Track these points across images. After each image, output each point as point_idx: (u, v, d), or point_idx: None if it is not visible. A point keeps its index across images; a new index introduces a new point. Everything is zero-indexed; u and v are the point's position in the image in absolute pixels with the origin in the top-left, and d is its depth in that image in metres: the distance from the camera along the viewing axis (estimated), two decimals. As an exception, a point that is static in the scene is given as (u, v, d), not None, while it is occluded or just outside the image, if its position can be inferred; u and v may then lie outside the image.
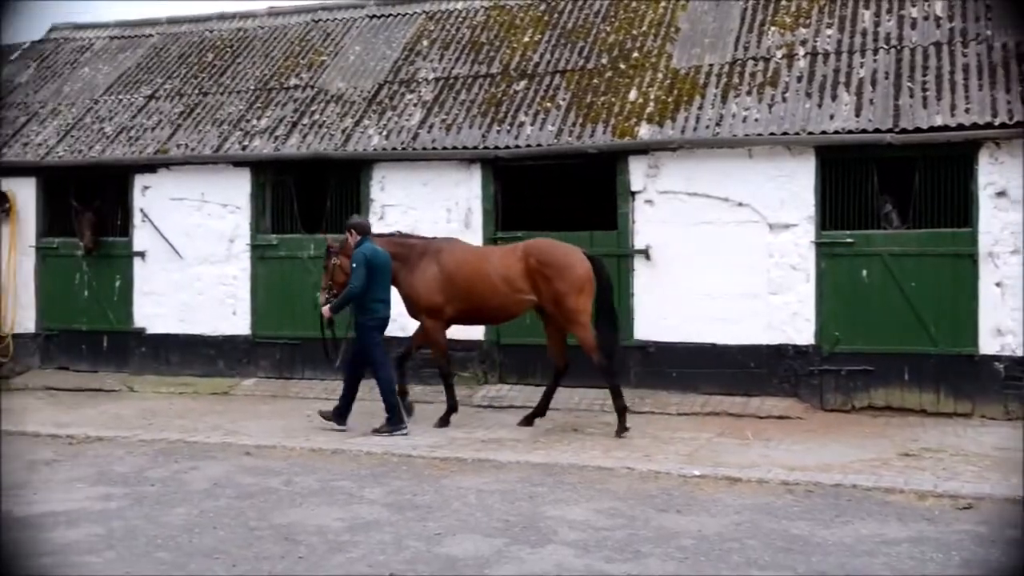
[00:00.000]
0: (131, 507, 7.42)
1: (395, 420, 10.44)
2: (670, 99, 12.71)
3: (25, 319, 15.22)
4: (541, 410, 11.12)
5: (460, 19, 15.54)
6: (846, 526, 6.92)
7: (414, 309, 11.19)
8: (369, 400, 11.13)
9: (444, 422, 10.88)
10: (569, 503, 7.53)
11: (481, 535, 6.69)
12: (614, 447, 9.67)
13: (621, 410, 10.42)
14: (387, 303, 10.78)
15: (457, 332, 11.97)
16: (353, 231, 10.82)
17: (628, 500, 7.61)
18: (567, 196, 14.44)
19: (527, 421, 11.01)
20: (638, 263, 12.42)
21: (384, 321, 10.81)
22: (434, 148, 13.22)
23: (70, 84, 16.82)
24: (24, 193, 15.36)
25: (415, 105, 14.00)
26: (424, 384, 12.43)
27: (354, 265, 10.45)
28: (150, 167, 14.61)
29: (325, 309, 10.86)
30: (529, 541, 6.55)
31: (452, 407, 10.99)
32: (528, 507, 7.42)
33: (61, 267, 15.10)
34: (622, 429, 10.27)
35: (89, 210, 14.74)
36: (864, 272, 11.62)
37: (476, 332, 12.92)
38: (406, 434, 10.28)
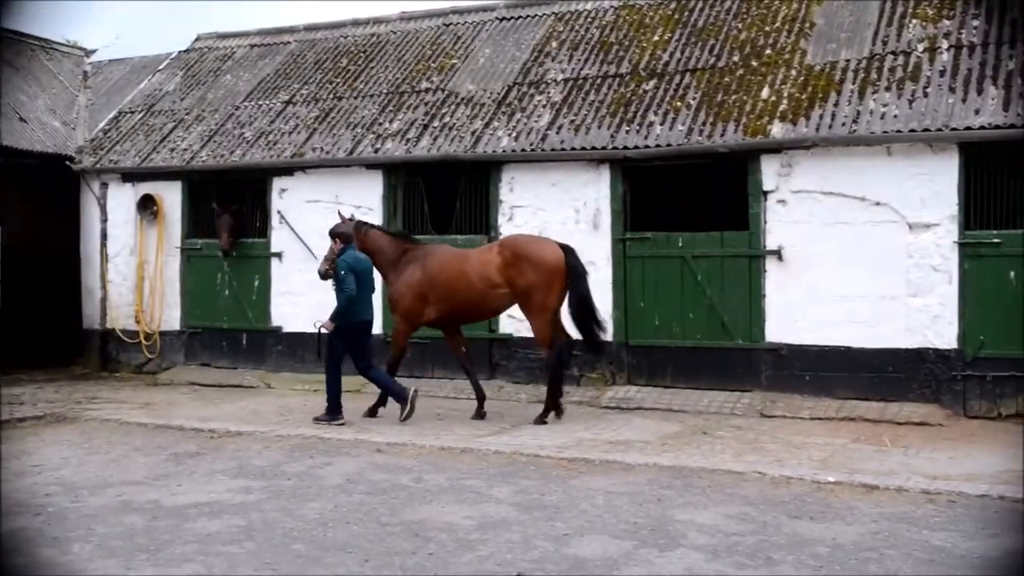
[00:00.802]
0: (268, 500, 7.64)
1: (331, 411, 11.26)
2: (804, 96, 12.42)
3: (171, 317, 15.89)
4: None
5: (589, 19, 15.52)
6: (992, 539, 6.62)
7: (393, 310, 11.97)
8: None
9: (372, 412, 11.61)
10: (699, 507, 7.43)
11: (609, 536, 6.66)
12: (745, 451, 9.50)
13: (549, 405, 11.26)
14: (368, 306, 11.43)
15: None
16: (337, 239, 11.50)
17: (759, 505, 7.46)
18: (697, 196, 14.28)
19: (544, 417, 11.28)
20: (770, 264, 12.18)
21: (366, 323, 11.42)
22: (563, 149, 13.24)
23: (213, 91, 17.47)
24: (170, 196, 16.03)
25: (544, 106, 14.05)
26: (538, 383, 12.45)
27: (341, 272, 11.10)
28: (287, 170, 15.07)
29: (327, 324, 11.24)
30: (658, 544, 6.49)
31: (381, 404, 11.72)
32: (657, 510, 7.34)
33: (204, 267, 15.70)
34: (543, 417, 11.11)
35: (227, 212, 15.30)
36: (1012, 273, 11.11)
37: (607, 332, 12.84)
38: (342, 424, 11.07)
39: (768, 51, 13.36)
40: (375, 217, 14.40)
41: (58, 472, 8.56)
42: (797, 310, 12.02)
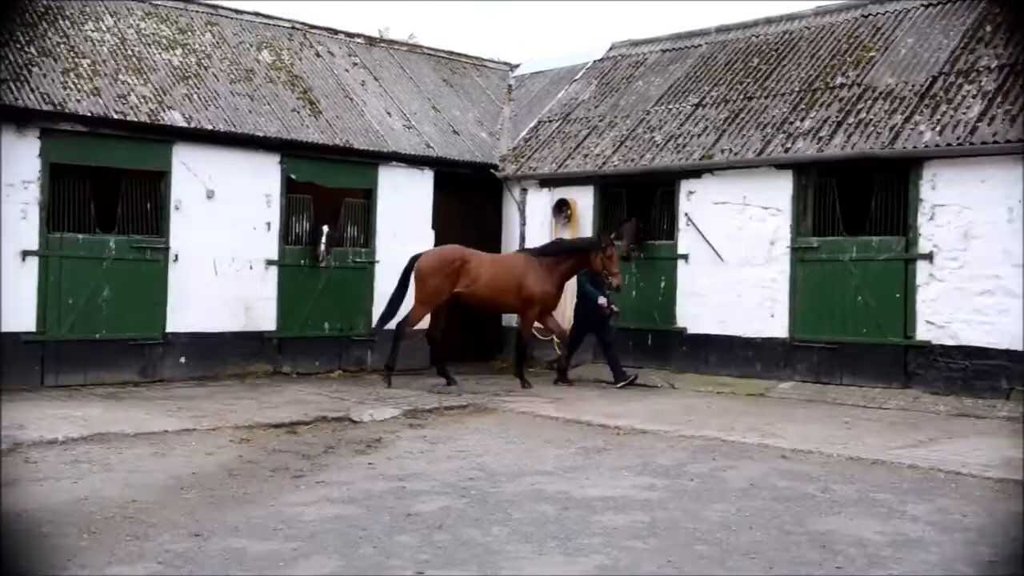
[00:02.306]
0: (672, 499, 7.71)
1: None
2: None
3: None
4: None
5: (1028, -1, 14.11)
6: None
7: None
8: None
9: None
10: None
11: (1043, 569, 6.01)
12: None
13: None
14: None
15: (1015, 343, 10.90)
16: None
17: None
18: None
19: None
20: None
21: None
22: (995, 142, 12.15)
23: (625, 98, 17.99)
24: (583, 200, 16.76)
25: (974, 96, 12.98)
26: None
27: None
28: (695, 172, 15.17)
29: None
30: (1104, 583, 5.75)
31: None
32: (1103, 545, 6.51)
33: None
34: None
35: (633, 218, 15.70)
36: None
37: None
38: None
39: None
40: (784, 218, 14.10)
41: (480, 458, 9.22)
42: None
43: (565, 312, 15.65)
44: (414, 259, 14.61)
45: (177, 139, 14.32)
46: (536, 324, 14.69)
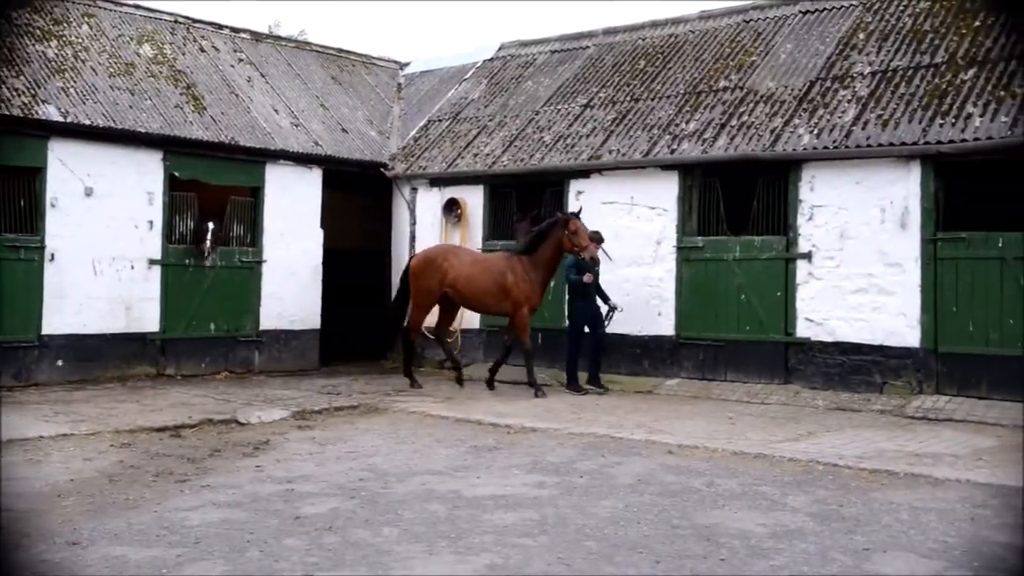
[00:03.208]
0: (561, 496, 7.78)
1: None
2: None
3: (472, 316, 16.57)
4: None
5: (901, 8, 14.69)
6: None
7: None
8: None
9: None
10: (1020, 530, 6.82)
11: (916, 555, 6.26)
12: (1074, 472, 8.63)
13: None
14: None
15: (888, 338, 11.35)
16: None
17: (1093, 534, 6.75)
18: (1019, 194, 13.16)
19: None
20: (1108, 267, 11.02)
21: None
22: (868, 145, 12.62)
23: (515, 98, 18.09)
24: (473, 200, 16.77)
25: (849, 101, 13.45)
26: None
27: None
28: (584, 172, 15.34)
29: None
30: (972, 567, 6.02)
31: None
32: (969, 530, 6.82)
33: (504, 267, 16.26)
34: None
35: (525, 219, 15.79)
36: None
37: (911, 338, 12.16)
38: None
39: (1108, 31, 12.10)
40: (670, 218, 14.36)
41: (370, 459, 9.15)
42: None
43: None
44: (411, 260, 14.82)
45: (53, 134, 13.83)
46: (426, 325, 14.57)
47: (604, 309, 14.08)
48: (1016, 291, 11.65)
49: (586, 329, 14.08)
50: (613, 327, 14.65)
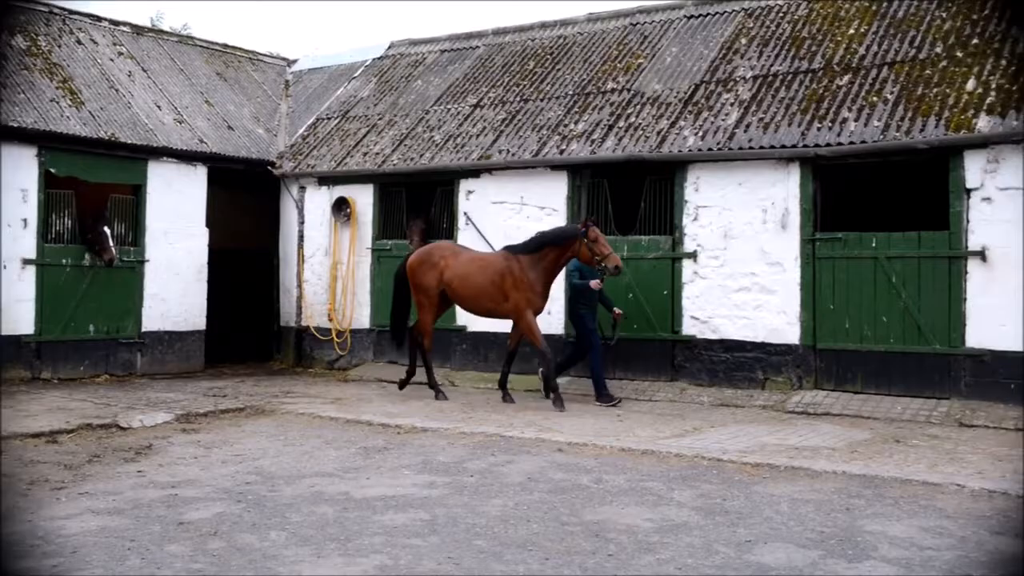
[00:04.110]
0: (452, 495, 7.79)
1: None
2: (1015, 87, 11.69)
3: (361, 316, 16.48)
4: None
5: (780, 14, 15.12)
6: None
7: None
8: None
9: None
10: (890, 518, 7.10)
11: (794, 545, 6.46)
12: (941, 461, 9.02)
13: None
14: None
15: (770, 336, 11.69)
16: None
17: (957, 519, 7.06)
18: (893, 195, 13.69)
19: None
20: (972, 265, 11.54)
21: None
22: (750, 147, 12.95)
23: (405, 96, 18.00)
24: (363, 199, 16.63)
25: (732, 104, 13.78)
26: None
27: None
28: (474, 172, 15.36)
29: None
30: (846, 555, 6.24)
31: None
32: (845, 519, 7.07)
33: (393, 268, 16.10)
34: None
35: (420, 218, 15.75)
36: None
37: (791, 336, 12.53)
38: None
39: (975, 41, 12.67)
40: (559, 218, 14.49)
41: (257, 462, 9.00)
42: (1002, 314, 11.34)
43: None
44: (405, 258, 13.91)
45: (-84, 128, 13.22)
46: (316, 324, 14.25)
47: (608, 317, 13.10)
48: (888, 289, 12.11)
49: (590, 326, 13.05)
50: (502, 325, 14.72)
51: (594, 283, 12.73)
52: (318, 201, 17.17)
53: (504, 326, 14.75)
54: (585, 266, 12.70)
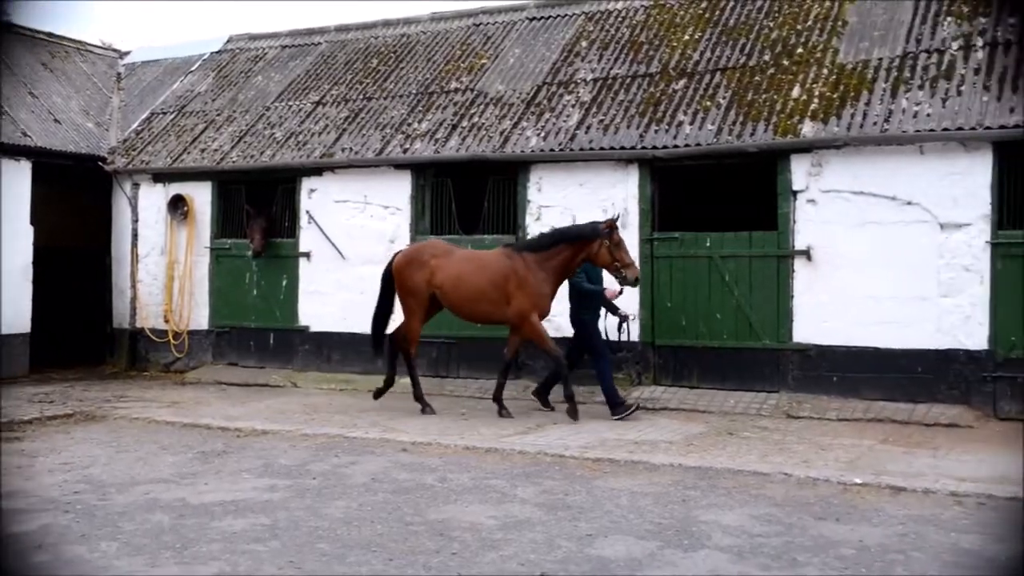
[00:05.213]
0: (294, 499, 7.67)
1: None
2: (836, 95, 12.31)
3: (199, 317, 16.02)
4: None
5: (620, 19, 15.48)
6: (1021, 542, 6.53)
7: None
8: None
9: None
10: (723, 508, 7.38)
11: (633, 537, 6.63)
12: (771, 452, 9.43)
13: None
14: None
15: (610, 333, 11.94)
16: None
17: (785, 507, 7.40)
18: (726, 196, 14.20)
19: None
20: (798, 264, 12.09)
21: None
22: (591, 149, 13.21)
23: (244, 92, 17.59)
24: (200, 197, 16.15)
25: (573, 106, 14.02)
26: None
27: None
28: (316, 170, 15.13)
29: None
30: (682, 545, 6.45)
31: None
32: (681, 511, 7.31)
33: (233, 267, 15.81)
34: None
35: (261, 216, 15.40)
36: (1045, 274, 10.97)
37: (631, 333, 12.82)
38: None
39: (800, 50, 13.27)
40: (403, 217, 14.44)
41: (87, 470, 8.64)
42: (826, 310, 11.93)
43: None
44: (393, 258, 12.65)
45: None
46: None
47: (615, 320, 11.94)
48: (722, 287, 12.56)
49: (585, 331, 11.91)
50: (346, 325, 14.61)
51: (611, 291, 11.72)
52: (153, 199, 16.58)
53: (348, 326, 14.63)
54: (592, 268, 11.67)
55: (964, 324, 11.25)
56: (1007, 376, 11.07)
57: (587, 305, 11.77)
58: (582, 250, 11.38)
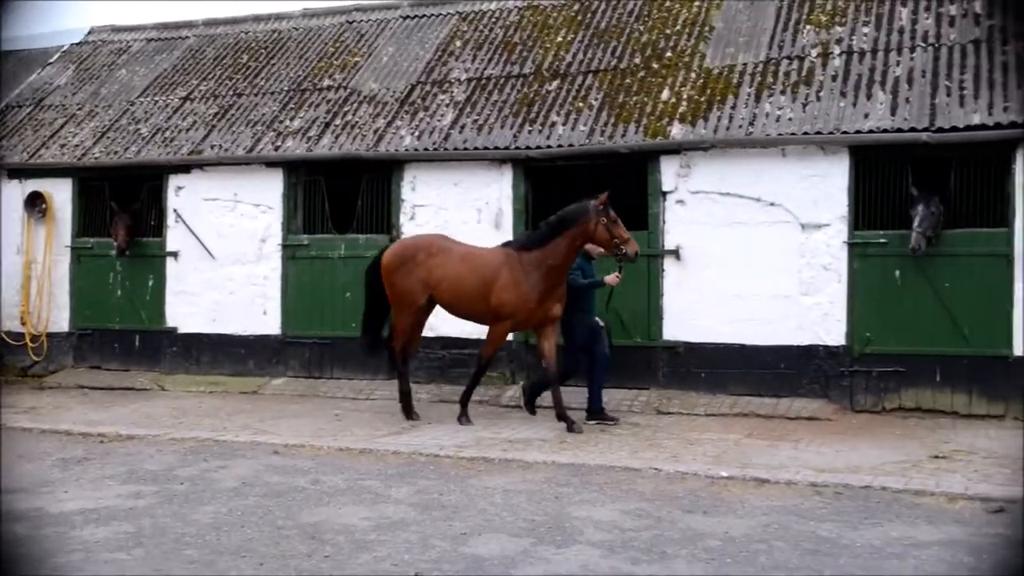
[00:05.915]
0: (160, 505, 7.47)
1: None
2: (703, 99, 12.64)
3: (59, 318, 15.41)
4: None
5: (493, 19, 15.55)
6: (875, 528, 6.83)
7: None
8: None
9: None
10: (595, 504, 7.50)
11: (507, 535, 6.68)
12: (641, 448, 9.63)
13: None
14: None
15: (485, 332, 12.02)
16: None
17: (655, 501, 7.56)
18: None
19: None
20: (668, 263, 12.37)
21: None
22: (465, 148, 13.23)
23: (107, 86, 17.01)
24: (60, 194, 15.54)
25: (447, 106, 14.02)
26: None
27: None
28: (184, 168, 14.74)
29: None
30: (555, 541, 6.53)
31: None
32: (554, 507, 7.39)
33: (95, 267, 15.26)
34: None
35: (126, 212, 14.90)
36: (897, 272, 11.48)
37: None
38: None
39: (669, 53, 13.57)
40: (275, 216, 14.19)
41: (-63, 480, 8.24)
42: (694, 309, 12.23)
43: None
44: (380, 253, 11.75)
45: None
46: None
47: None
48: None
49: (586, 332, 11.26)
50: (215, 327, 14.30)
51: (610, 279, 10.96)
52: (9, 195, 15.84)
53: (218, 327, 14.33)
54: (586, 263, 11.13)
55: (823, 321, 11.70)
56: (862, 371, 11.56)
57: (580, 304, 11.05)
58: (581, 233, 10.59)
